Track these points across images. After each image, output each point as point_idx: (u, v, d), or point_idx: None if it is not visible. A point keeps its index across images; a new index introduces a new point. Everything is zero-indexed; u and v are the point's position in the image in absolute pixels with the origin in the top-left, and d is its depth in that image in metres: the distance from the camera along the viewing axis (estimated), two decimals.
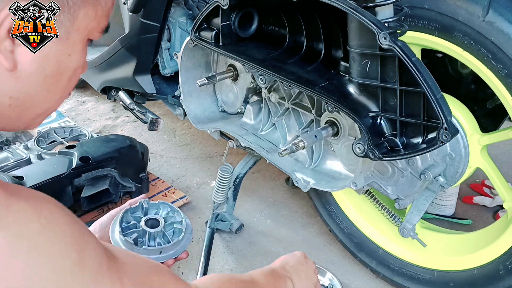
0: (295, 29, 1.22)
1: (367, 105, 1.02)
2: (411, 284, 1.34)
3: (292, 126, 1.31)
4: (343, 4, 0.94)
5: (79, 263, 0.59)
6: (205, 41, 1.28)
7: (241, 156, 1.69)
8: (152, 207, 1.08)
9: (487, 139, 1.14)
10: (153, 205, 1.08)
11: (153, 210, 1.08)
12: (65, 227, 0.59)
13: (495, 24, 0.97)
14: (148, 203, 1.07)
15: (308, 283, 1.07)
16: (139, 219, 1.04)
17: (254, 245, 1.59)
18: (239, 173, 1.55)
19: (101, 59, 1.73)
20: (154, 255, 0.98)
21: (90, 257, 0.61)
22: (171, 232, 1.05)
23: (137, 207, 1.06)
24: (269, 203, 1.80)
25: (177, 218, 1.06)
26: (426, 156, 1.11)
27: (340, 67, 1.11)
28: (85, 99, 2.59)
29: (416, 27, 1.07)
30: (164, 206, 1.08)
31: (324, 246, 1.59)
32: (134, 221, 1.04)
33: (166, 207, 1.08)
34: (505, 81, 1.00)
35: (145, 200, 1.07)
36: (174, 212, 1.08)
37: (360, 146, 1.01)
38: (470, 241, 1.27)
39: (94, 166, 1.60)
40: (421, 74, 0.90)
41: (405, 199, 1.16)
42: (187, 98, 1.48)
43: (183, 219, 1.06)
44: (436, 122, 0.92)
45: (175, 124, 2.32)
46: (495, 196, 1.73)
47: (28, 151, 1.76)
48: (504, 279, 1.14)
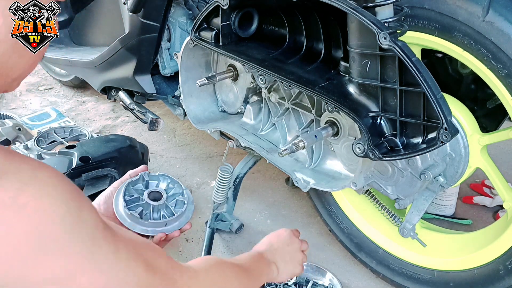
0: (295, 29, 1.22)
1: (367, 105, 1.02)
2: (411, 284, 1.34)
3: (292, 126, 1.31)
4: (343, 4, 0.94)
5: (79, 217, 0.61)
6: (205, 41, 1.28)
7: (241, 156, 1.69)
8: (153, 179, 1.10)
9: (487, 139, 1.14)
10: (154, 177, 1.10)
11: (154, 182, 1.10)
12: (65, 185, 0.61)
13: (495, 24, 0.96)
14: (148, 176, 1.09)
15: (293, 264, 1.11)
16: (142, 192, 1.06)
17: (254, 245, 1.58)
18: (239, 173, 1.55)
19: (101, 59, 1.73)
20: (160, 228, 1.01)
21: (88, 216, 0.63)
22: (173, 204, 1.07)
23: (138, 180, 1.08)
24: (269, 203, 1.79)
25: (178, 190, 1.09)
26: (426, 156, 1.11)
27: (340, 67, 1.11)
28: (85, 99, 2.58)
29: (416, 27, 1.07)
30: (164, 178, 1.11)
31: (324, 246, 1.59)
32: (137, 194, 1.06)
33: (166, 178, 1.10)
34: (505, 81, 1.00)
35: (145, 173, 1.09)
36: (174, 183, 1.10)
37: (360, 146, 1.01)
38: (470, 241, 1.27)
39: (94, 166, 1.60)
40: (421, 74, 0.89)
41: (405, 199, 1.16)
42: (187, 98, 1.48)
43: (183, 190, 1.08)
44: (436, 122, 0.92)
45: (175, 124, 2.32)
46: (495, 196, 1.73)
47: (28, 151, 1.76)
48: (504, 279, 1.14)
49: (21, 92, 2.65)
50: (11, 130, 1.94)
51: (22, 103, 2.54)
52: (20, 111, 2.45)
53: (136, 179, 1.08)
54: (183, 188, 1.09)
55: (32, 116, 2.36)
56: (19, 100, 2.58)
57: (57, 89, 2.70)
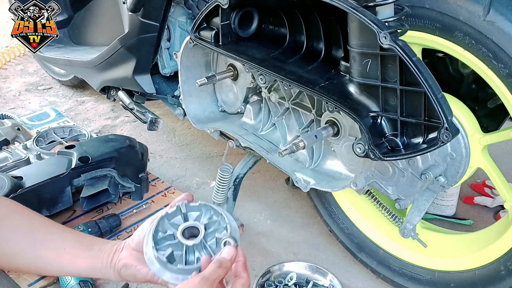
0: (295, 28, 1.21)
1: (368, 105, 1.02)
2: (411, 284, 1.33)
3: (292, 126, 1.31)
4: (344, 3, 0.93)
5: None
6: (205, 40, 1.28)
7: (241, 156, 1.68)
8: (192, 209, 0.92)
9: (488, 139, 1.13)
10: (194, 207, 0.92)
11: (195, 214, 0.92)
12: None
13: (496, 23, 0.96)
14: (187, 207, 0.91)
15: None
16: (177, 227, 0.89)
17: (254, 245, 1.58)
18: (239, 173, 1.54)
19: (100, 58, 1.73)
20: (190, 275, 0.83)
21: None
22: (213, 243, 0.88)
23: (176, 212, 0.91)
24: (269, 203, 1.79)
25: (222, 224, 0.89)
26: (426, 156, 1.11)
27: (341, 67, 1.10)
28: (85, 99, 2.58)
29: (417, 27, 1.07)
30: (207, 209, 0.92)
31: (324, 247, 1.58)
32: (171, 230, 0.89)
33: (208, 210, 0.92)
34: (506, 80, 1.00)
35: (183, 203, 0.91)
36: (218, 215, 0.91)
37: (360, 146, 1.01)
38: (471, 241, 1.27)
39: (93, 166, 1.59)
40: (421, 73, 0.89)
41: (405, 199, 1.16)
42: (186, 98, 1.47)
43: (227, 225, 0.88)
44: (437, 122, 0.91)
45: (175, 124, 2.31)
46: (496, 196, 1.73)
47: (27, 151, 1.76)
48: (505, 279, 1.14)
49: (20, 92, 2.65)
50: (10, 130, 1.93)
51: (21, 103, 2.54)
52: (19, 111, 2.44)
53: (173, 211, 0.90)
54: (227, 221, 0.88)
55: (31, 116, 2.36)
56: (18, 100, 2.57)
57: (56, 89, 2.70)
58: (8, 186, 1.43)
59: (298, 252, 1.56)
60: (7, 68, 2.93)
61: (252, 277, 1.44)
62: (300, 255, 1.55)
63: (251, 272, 1.46)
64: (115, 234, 1.57)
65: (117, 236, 1.57)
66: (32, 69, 2.91)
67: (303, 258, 1.53)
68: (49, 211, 1.52)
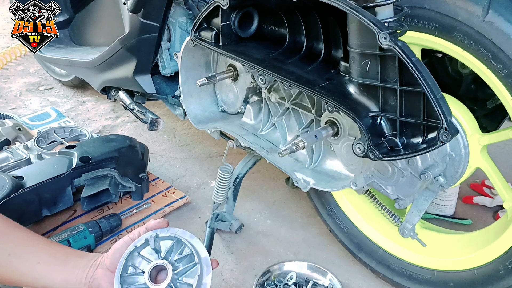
0: (295, 29, 1.22)
1: (367, 105, 1.02)
2: (411, 284, 1.34)
3: (292, 126, 1.31)
4: (343, 4, 0.94)
5: None
6: (205, 41, 1.28)
7: (241, 156, 1.69)
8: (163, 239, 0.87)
9: (487, 139, 1.14)
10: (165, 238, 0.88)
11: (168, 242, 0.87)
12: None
13: (495, 24, 0.96)
14: (155, 240, 0.86)
15: None
16: (149, 261, 0.85)
17: (254, 245, 1.59)
18: (239, 173, 1.55)
19: (101, 59, 1.73)
20: None
21: None
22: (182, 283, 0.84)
23: (144, 244, 0.86)
24: (269, 203, 1.80)
25: (192, 258, 0.86)
26: (426, 156, 1.11)
27: (340, 67, 1.11)
28: (85, 99, 2.59)
29: (416, 27, 1.07)
30: (178, 243, 0.87)
31: (324, 246, 1.59)
32: (140, 267, 0.86)
33: (179, 243, 0.87)
34: (505, 81, 1.00)
35: (151, 237, 0.86)
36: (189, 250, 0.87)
37: (360, 146, 1.01)
38: (470, 241, 1.27)
39: (94, 166, 1.60)
40: (421, 74, 0.89)
41: (405, 199, 1.16)
42: (187, 98, 1.48)
43: (198, 264, 0.84)
44: (436, 122, 0.92)
45: (175, 124, 2.32)
46: (495, 196, 1.73)
47: (28, 151, 1.76)
48: (504, 279, 1.14)
49: (21, 92, 2.65)
50: (11, 130, 1.94)
51: (22, 103, 2.54)
52: (20, 111, 2.45)
53: (141, 244, 0.85)
54: (196, 260, 0.83)
55: (32, 116, 2.36)
56: (19, 100, 2.58)
57: (57, 89, 2.70)
58: (9, 186, 1.44)
59: (298, 252, 1.56)
60: (8, 69, 2.93)
61: (252, 277, 1.45)
62: (300, 255, 1.55)
63: (251, 272, 1.47)
64: (116, 233, 1.58)
65: (118, 236, 1.57)
66: (33, 70, 2.91)
67: (303, 257, 1.53)
68: (50, 210, 1.52)
